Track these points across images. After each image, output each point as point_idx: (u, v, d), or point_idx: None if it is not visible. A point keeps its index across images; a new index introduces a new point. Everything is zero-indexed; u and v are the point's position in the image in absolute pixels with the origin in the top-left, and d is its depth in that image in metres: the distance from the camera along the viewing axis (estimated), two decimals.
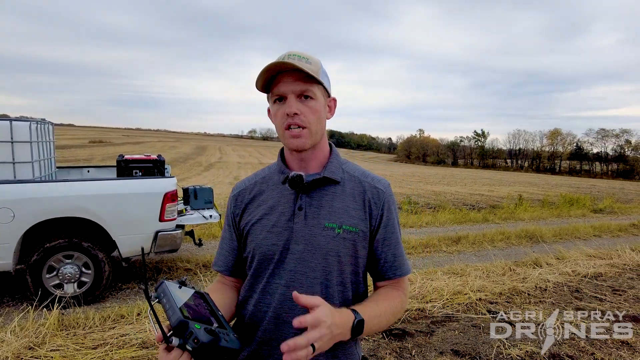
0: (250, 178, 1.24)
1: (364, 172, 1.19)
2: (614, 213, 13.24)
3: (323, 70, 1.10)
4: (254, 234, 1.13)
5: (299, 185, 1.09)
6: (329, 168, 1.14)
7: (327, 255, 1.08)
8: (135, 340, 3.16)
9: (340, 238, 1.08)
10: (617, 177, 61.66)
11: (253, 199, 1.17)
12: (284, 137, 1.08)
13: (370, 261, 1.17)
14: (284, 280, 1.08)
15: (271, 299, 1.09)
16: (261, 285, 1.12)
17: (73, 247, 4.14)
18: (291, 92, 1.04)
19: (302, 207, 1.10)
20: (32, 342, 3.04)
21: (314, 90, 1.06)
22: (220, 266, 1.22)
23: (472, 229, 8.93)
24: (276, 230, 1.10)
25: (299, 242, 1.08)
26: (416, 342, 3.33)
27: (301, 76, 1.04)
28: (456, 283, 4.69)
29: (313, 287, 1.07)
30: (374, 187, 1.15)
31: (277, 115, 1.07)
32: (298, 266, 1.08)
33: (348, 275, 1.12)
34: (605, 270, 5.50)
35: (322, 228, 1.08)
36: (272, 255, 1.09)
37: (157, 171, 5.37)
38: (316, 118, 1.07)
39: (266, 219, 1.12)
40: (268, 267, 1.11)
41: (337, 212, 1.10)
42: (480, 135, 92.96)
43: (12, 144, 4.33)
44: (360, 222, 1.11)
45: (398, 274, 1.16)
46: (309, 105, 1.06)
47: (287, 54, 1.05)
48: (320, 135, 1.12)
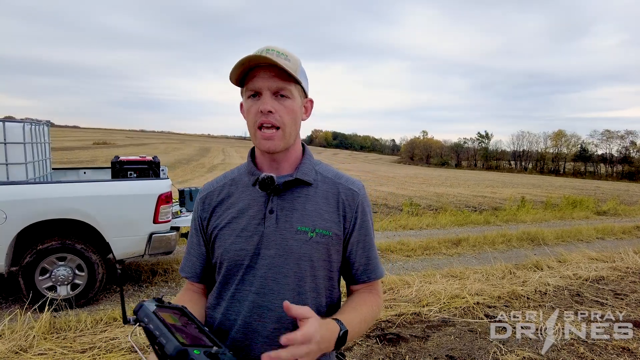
0: (218, 179, 1.18)
1: (338, 173, 1.14)
2: (617, 215, 13.11)
3: (302, 70, 1.05)
4: (222, 239, 1.07)
5: (269, 187, 1.04)
6: (301, 169, 1.08)
7: (300, 260, 1.03)
8: (125, 344, 3.11)
9: (313, 242, 1.04)
10: (622, 179, 61.20)
11: (221, 202, 1.12)
12: (255, 137, 1.03)
13: (343, 265, 1.13)
14: (254, 287, 1.03)
15: (240, 306, 1.04)
16: (230, 292, 1.06)
17: (66, 249, 4.10)
18: (267, 88, 0.99)
19: (274, 210, 1.04)
20: (20, 346, 3.00)
21: (291, 89, 1.01)
22: (187, 272, 1.17)
23: (473, 231, 8.84)
24: (245, 234, 1.05)
25: (270, 246, 1.03)
26: (410, 347, 3.27)
27: (279, 73, 0.98)
28: (454, 286, 4.62)
29: (285, 293, 1.02)
30: (348, 189, 1.10)
31: (250, 112, 1.01)
32: (269, 272, 1.03)
33: (322, 281, 1.07)
34: (607, 274, 5.42)
35: (295, 232, 1.03)
36: (242, 260, 1.04)
37: (152, 173, 5.34)
38: (291, 118, 1.02)
39: (235, 223, 1.07)
40: (237, 274, 1.05)
41: (310, 215, 1.05)
42: (483, 137, 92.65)
43: (4, 145, 4.30)
44: (334, 225, 1.06)
45: (372, 277, 1.12)
46: (285, 104, 1.00)
47: (265, 48, 0.99)
48: (294, 136, 1.07)
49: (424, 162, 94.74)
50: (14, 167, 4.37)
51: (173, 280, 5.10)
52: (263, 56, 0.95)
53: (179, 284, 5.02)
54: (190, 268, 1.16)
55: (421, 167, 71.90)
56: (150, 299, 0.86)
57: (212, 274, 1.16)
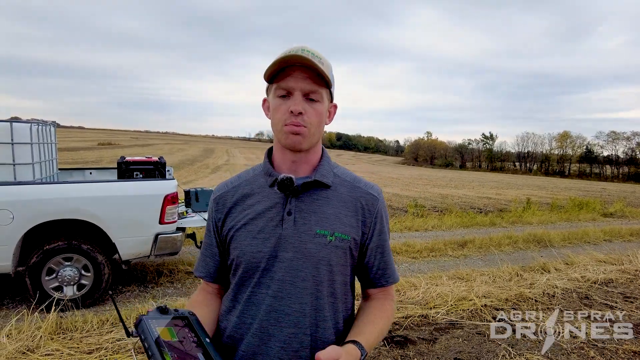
0: (232, 180, 1.16)
1: (356, 177, 1.13)
2: (624, 217, 13.00)
3: (332, 76, 1.05)
4: (238, 240, 1.05)
5: (289, 188, 1.02)
6: (320, 171, 1.07)
7: (319, 264, 1.01)
8: (131, 345, 3.10)
9: (332, 246, 1.02)
10: (628, 181, 60.77)
11: (236, 203, 1.10)
12: (281, 132, 1.01)
13: (360, 269, 1.12)
14: (271, 290, 1.01)
15: (256, 310, 1.02)
16: (246, 295, 1.04)
17: (73, 249, 4.10)
18: (299, 89, 0.98)
19: (292, 212, 1.02)
20: (27, 346, 3.00)
21: (322, 92, 1.01)
22: (201, 272, 1.16)
23: (479, 233, 8.79)
24: (262, 236, 1.03)
25: (287, 249, 1.01)
26: (418, 350, 3.24)
27: (313, 75, 0.97)
28: (461, 288, 4.58)
29: (302, 297, 1.01)
30: (368, 194, 1.09)
31: (279, 110, 1.00)
32: (287, 275, 1.01)
33: (339, 286, 1.06)
34: (616, 277, 5.36)
35: (313, 235, 1.01)
36: (258, 263, 1.02)
37: (158, 173, 5.34)
38: (318, 121, 1.02)
39: (252, 224, 1.04)
40: (253, 276, 1.03)
41: (329, 218, 1.03)
42: (488, 138, 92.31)
43: (12, 145, 4.32)
44: (352, 229, 1.05)
45: (390, 282, 1.13)
46: (314, 107, 1.00)
47: (300, 48, 0.98)
48: (317, 139, 1.06)
49: (428, 163, 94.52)
50: (21, 167, 4.39)
51: (179, 281, 5.10)
52: (302, 56, 0.94)
53: (185, 284, 5.02)
54: (204, 268, 1.15)
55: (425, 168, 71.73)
56: (154, 309, 0.86)
57: (226, 274, 1.15)
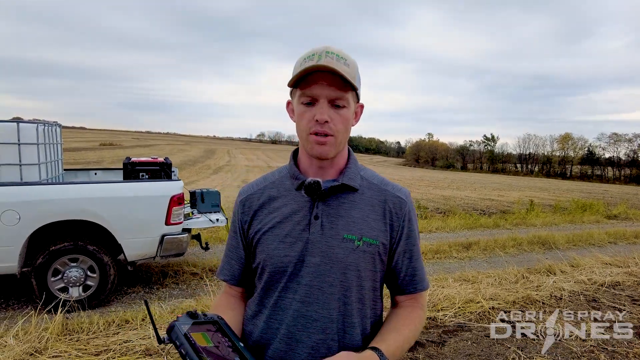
0: (258, 182, 1.14)
1: (383, 179, 1.11)
2: (628, 219, 12.95)
3: (359, 76, 1.02)
4: (265, 244, 1.04)
5: (316, 192, 1.00)
6: (347, 174, 1.05)
7: (346, 270, 0.99)
8: (139, 347, 3.08)
9: (360, 251, 1.00)
10: (630, 183, 60.58)
11: (263, 206, 1.08)
12: (307, 141, 0.99)
13: (388, 274, 1.09)
14: (299, 295, 1.00)
15: (283, 315, 1.01)
16: (272, 299, 1.03)
17: (78, 250, 4.09)
18: (325, 96, 0.95)
19: (319, 216, 1.01)
20: (34, 348, 2.98)
21: (348, 97, 0.98)
22: (226, 275, 1.14)
23: (483, 235, 8.76)
24: (289, 240, 1.01)
25: (315, 254, 0.99)
26: (427, 352, 3.22)
27: (337, 80, 0.94)
28: (468, 291, 4.56)
29: (330, 303, 0.99)
30: (396, 197, 1.06)
31: (304, 117, 0.98)
32: (314, 280, 0.99)
33: (367, 291, 1.04)
34: (623, 279, 5.32)
35: (341, 239, 1.00)
36: (285, 267, 1.01)
37: (164, 174, 5.33)
38: (344, 127, 0.99)
39: (278, 228, 1.03)
40: (280, 280, 1.02)
41: (356, 222, 1.01)
42: (489, 140, 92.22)
43: (19, 145, 4.31)
44: (381, 233, 1.03)
45: (419, 289, 1.09)
46: (340, 113, 0.97)
47: (324, 50, 0.95)
48: (345, 144, 1.04)
49: (429, 165, 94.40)
50: (28, 168, 4.38)
51: (184, 282, 5.08)
52: (325, 65, 0.92)
53: (190, 285, 5.00)
54: (229, 271, 1.14)
55: (427, 170, 71.67)
56: (183, 315, 0.84)
57: (251, 277, 1.13)
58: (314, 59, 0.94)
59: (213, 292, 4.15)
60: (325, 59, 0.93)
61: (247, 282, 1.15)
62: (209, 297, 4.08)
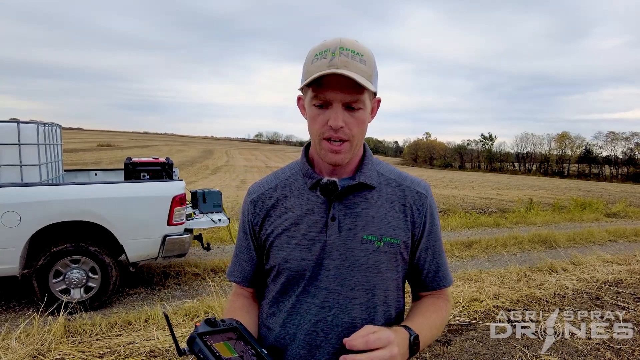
0: (268, 180, 1.08)
1: (401, 173, 1.06)
2: (628, 217, 12.99)
3: (375, 69, 0.94)
4: (279, 247, 0.99)
5: (333, 193, 0.95)
6: (364, 172, 1.00)
7: (368, 272, 0.95)
8: (143, 348, 3.06)
9: (381, 252, 0.96)
10: (627, 181, 60.84)
11: (275, 206, 1.03)
12: (320, 147, 0.93)
13: (411, 271, 1.05)
14: (318, 299, 0.96)
15: (302, 320, 0.97)
16: (289, 303, 0.99)
17: (80, 251, 4.06)
18: (339, 100, 0.88)
19: (336, 217, 0.96)
20: (37, 350, 2.95)
21: (364, 99, 0.90)
22: (237, 277, 1.10)
23: (484, 234, 8.76)
24: (306, 243, 0.96)
25: (333, 257, 0.95)
26: (434, 351, 3.20)
27: (353, 83, 0.86)
28: (471, 289, 4.55)
29: (353, 307, 0.95)
30: (415, 192, 1.02)
31: (317, 121, 0.91)
32: (334, 284, 0.95)
33: (392, 292, 1.00)
34: (626, 277, 5.33)
35: (360, 241, 0.95)
36: (303, 271, 0.97)
37: (165, 174, 5.30)
38: (360, 130, 0.92)
39: (293, 230, 0.98)
40: (298, 284, 0.98)
41: (375, 221, 0.96)
42: (487, 139, 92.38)
43: (19, 146, 4.27)
44: (402, 232, 0.98)
45: (443, 285, 1.05)
46: (356, 116, 0.90)
47: (338, 46, 0.87)
48: (361, 145, 0.98)
49: (427, 164, 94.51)
50: (28, 168, 4.34)
51: (186, 283, 5.05)
52: (341, 73, 0.84)
53: (192, 286, 4.97)
54: (241, 272, 1.09)
55: (425, 169, 71.69)
56: (202, 323, 0.81)
57: (262, 278, 1.10)
58: (327, 56, 0.86)
59: (216, 293, 4.12)
60: (339, 57, 0.86)
61: (258, 283, 1.11)
62: (212, 297, 4.05)
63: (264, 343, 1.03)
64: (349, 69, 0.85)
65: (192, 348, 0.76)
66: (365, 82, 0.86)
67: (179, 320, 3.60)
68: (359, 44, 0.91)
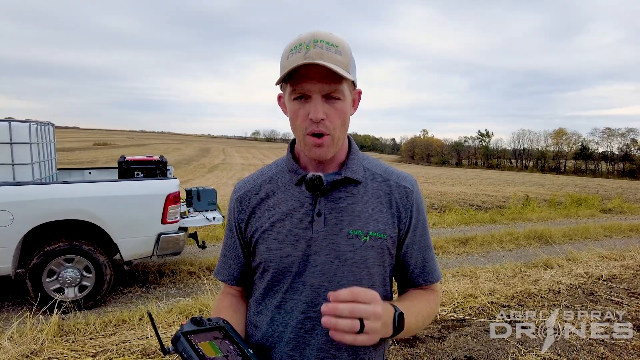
0: (254, 177, 1.08)
1: (387, 168, 1.05)
2: (623, 213, 13.04)
3: (353, 60, 0.93)
4: (265, 243, 0.99)
5: (318, 188, 0.95)
6: (349, 167, 0.99)
7: (355, 267, 0.95)
8: (137, 347, 3.05)
9: (367, 247, 0.95)
10: (623, 177, 61.11)
11: (260, 202, 1.02)
12: (303, 142, 0.93)
13: (397, 267, 1.04)
14: (305, 296, 0.95)
15: (288, 317, 0.96)
16: (276, 301, 0.99)
17: (74, 250, 4.04)
18: (317, 91, 0.88)
19: (321, 212, 0.96)
20: (30, 349, 2.94)
21: (343, 89, 0.90)
22: (224, 275, 1.09)
23: (480, 230, 8.78)
24: (291, 239, 0.96)
25: (319, 252, 0.95)
26: (428, 348, 3.21)
27: (330, 73, 0.86)
28: (466, 286, 4.56)
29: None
30: (401, 186, 1.01)
31: (298, 115, 0.91)
32: (320, 280, 0.95)
33: (378, 288, 0.98)
34: (620, 272, 5.35)
35: (346, 236, 0.95)
36: (289, 267, 0.96)
37: (159, 172, 5.27)
38: (342, 121, 0.92)
39: (279, 226, 0.98)
40: (284, 281, 0.97)
41: (361, 216, 0.96)
42: (484, 135, 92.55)
43: (11, 145, 4.24)
44: (388, 226, 0.97)
45: (429, 281, 1.03)
46: (336, 106, 0.90)
47: (312, 38, 0.87)
48: (344, 138, 0.98)
49: (424, 161, 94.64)
50: (21, 167, 4.31)
51: (181, 282, 5.04)
52: (316, 63, 0.85)
53: (187, 284, 4.96)
54: (228, 271, 1.09)
55: (422, 166, 71.84)
56: (188, 322, 0.80)
57: (250, 276, 1.09)
58: (302, 50, 0.86)
59: (211, 291, 4.11)
60: (313, 49, 0.86)
61: (246, 281, 1.10)
62: (207, 296, 4.05)
63: (252, 341, 1.02)
64: (323, 60, 0.85)
65: (176, 347, 0.76)
66: (341, 71, 0.86)
67: (173, 319, 3.59)
68: (334, 35, 0.91)
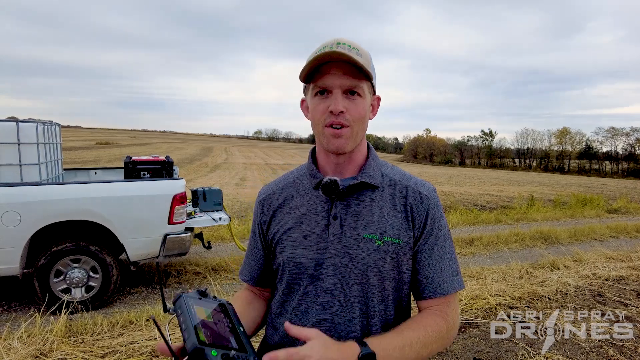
0: (277, 182, 1.12)
1: (406, 175, 1.06)
2: (629, 213, 12.97)
3: (373, 67, 0.98)
4: (284, 245, 1.01)
5: (334, 191, 0.97)
6: (366, 172, 1.01)
7: (367, 271, 0.95)
8: (145, 348, 3.05)
9: (381, 251, 0.95)
10: (628, 177, 60.77)
11: (281, 206, 1.06)
12: (322, 135, 0.95)
13: (412, 276, 1.03)
14: (320, 298, 0.97)
15: (305, 319, 0.98)
16: (294, 302, 1.01)
17: (80, 250, 4.05)
18: (338, 86, 0.92)
19: (337, 216, 0.97)
20: (40, 350, 2.94)
21: (363, 86, 0.95)
22: (246, 276, 1.13)
23: (485, 230, 8.75)
24: (309, 241, 0.98)
25: (334, 255, 0.96)
26: None
27: (351, 69, 0.91)
28: (473, 287, 4.53)
29: (352, 305, 0.96)
30: (417, 192, 1.01)
31: (318, 110, 0.94)
32: (335, 282, 0.96)
33: (390, 292, 0.99)
34: (627, 273, 5.31)
35: (360, 239, 0.96)
36: (305, 269, 0.98)
37: (166, 173, 5.27)
38: (361, 118, 0.95)
39: (297, 229, 1.00)
40: (301, 283, 0.99)
41: (376, 221, 0.97)
42: (487, 135, 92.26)
43: (18, 145, 4.25)
44: (404, 232, 0.97)
45: (437, 293, 0.98)
46: (356, 102, 0.94)
47: (335, 42, 0.91)
48: (361, 137, 0.99)
49: (427, 161, 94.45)
50: (28, 168, 4.32)
51: (187, 282, 5.05)
52: (338, 52, 0.89)
53: (193, 285, 4.97)
54: (249, 272, 1.13)
55: (425, 166, 71.70)
56: (194, 290, 0.85)
57: (271, 278, 1.11)
58: (326, 50, 0.90)
59: (217, 291, 4.11)
60: (336, 49, 0.90)
61: (268, 283, 1.13)
62: None
63: (271, 342, 1.04)
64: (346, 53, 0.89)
65: (175, 305, 0.81)
66: (362, 62, 0.90)
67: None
68: (357, 43, 0.95)
